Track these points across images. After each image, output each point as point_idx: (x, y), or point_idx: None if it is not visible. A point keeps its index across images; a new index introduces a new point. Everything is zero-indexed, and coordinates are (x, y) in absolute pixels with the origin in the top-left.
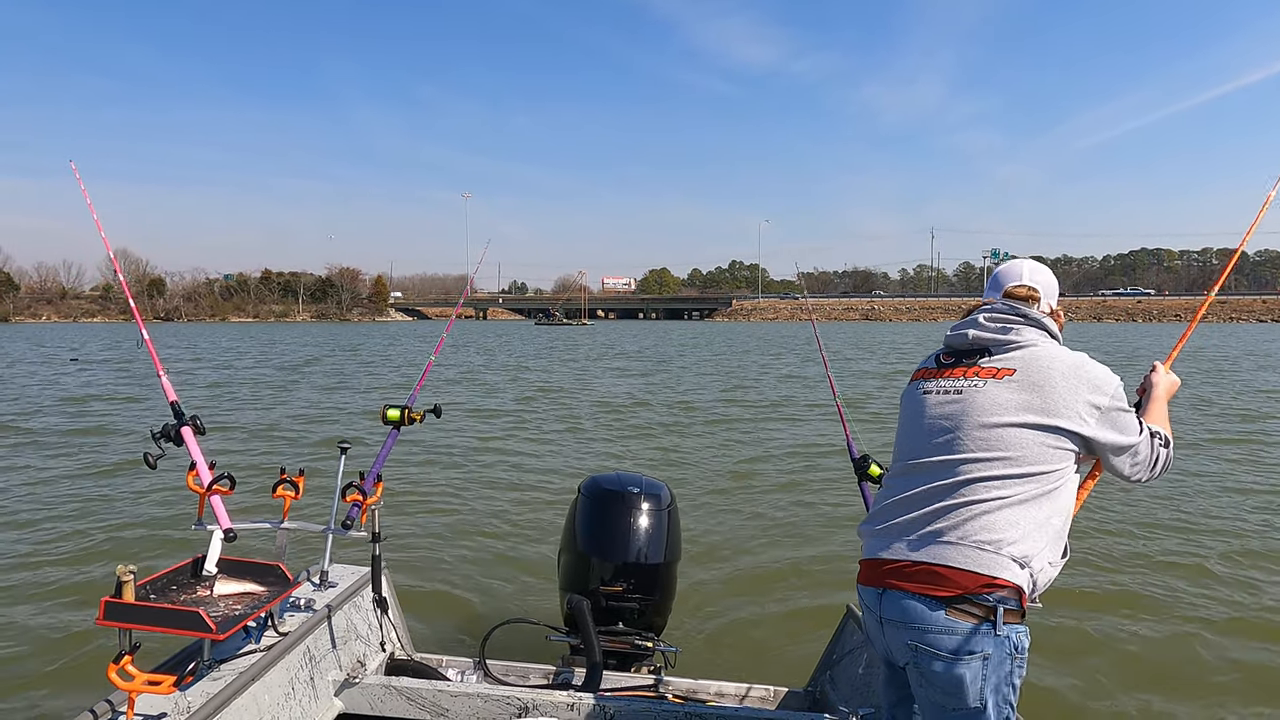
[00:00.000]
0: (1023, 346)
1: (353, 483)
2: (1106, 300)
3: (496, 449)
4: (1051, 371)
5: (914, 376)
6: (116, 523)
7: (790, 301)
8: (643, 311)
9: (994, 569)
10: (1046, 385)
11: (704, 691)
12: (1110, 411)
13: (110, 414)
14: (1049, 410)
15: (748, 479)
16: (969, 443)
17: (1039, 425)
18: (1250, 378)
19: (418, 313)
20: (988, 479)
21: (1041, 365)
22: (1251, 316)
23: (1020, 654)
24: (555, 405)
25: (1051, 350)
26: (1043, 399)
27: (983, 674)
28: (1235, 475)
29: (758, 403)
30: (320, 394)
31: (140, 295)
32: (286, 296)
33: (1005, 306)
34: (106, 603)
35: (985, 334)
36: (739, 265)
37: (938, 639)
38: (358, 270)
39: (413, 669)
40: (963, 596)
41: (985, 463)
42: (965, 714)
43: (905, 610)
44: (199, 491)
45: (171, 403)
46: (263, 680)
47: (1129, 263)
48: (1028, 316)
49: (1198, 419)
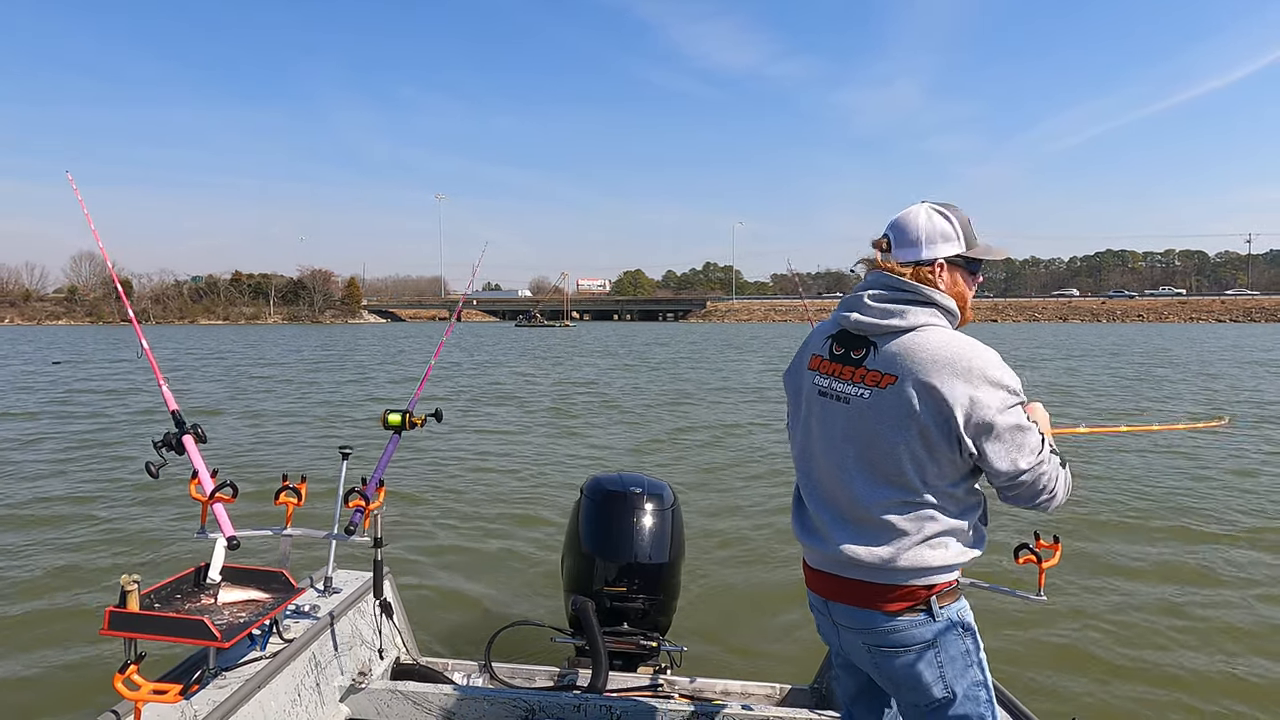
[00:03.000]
0: (905, 332)
1: (355, 488)
2: (1072, 301)
3: (497, 451)
4: (930, 365)
5: (811, 359)
6: (120, 532)
7: (764, 302)
8: (617, 313)
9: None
10: (925, 385)
11: (710, 690)
12: (997, 411)
13: (109, 418)
14: (929, 414)
15: (750, 477)
16: (861, 464)
17: (925, 439)
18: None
19: (392, 315)
20: (883, 499)
21: (920, 359)
22: (1210, 316)
23: (968, 630)
24: (555, 406)
25: (934, 338)
26: (924, 404)
27: (936, 661)
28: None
29: (759, 400)
30: (320, 394)
31: (106, 298)
32: (257, 299)
33: (892, 280)
34: (111, 612)
35: (867, 319)
36: (713, 267)
37: (886, 637)
38: (330, 272)
39: (418, 673)
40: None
41: (878, 484)
42: (938, 705)
43: (853, 615)
44: (201, 500)
45: (172, 411)
46: (268, 687)
47: (1094, 264)
48: (916, 293)
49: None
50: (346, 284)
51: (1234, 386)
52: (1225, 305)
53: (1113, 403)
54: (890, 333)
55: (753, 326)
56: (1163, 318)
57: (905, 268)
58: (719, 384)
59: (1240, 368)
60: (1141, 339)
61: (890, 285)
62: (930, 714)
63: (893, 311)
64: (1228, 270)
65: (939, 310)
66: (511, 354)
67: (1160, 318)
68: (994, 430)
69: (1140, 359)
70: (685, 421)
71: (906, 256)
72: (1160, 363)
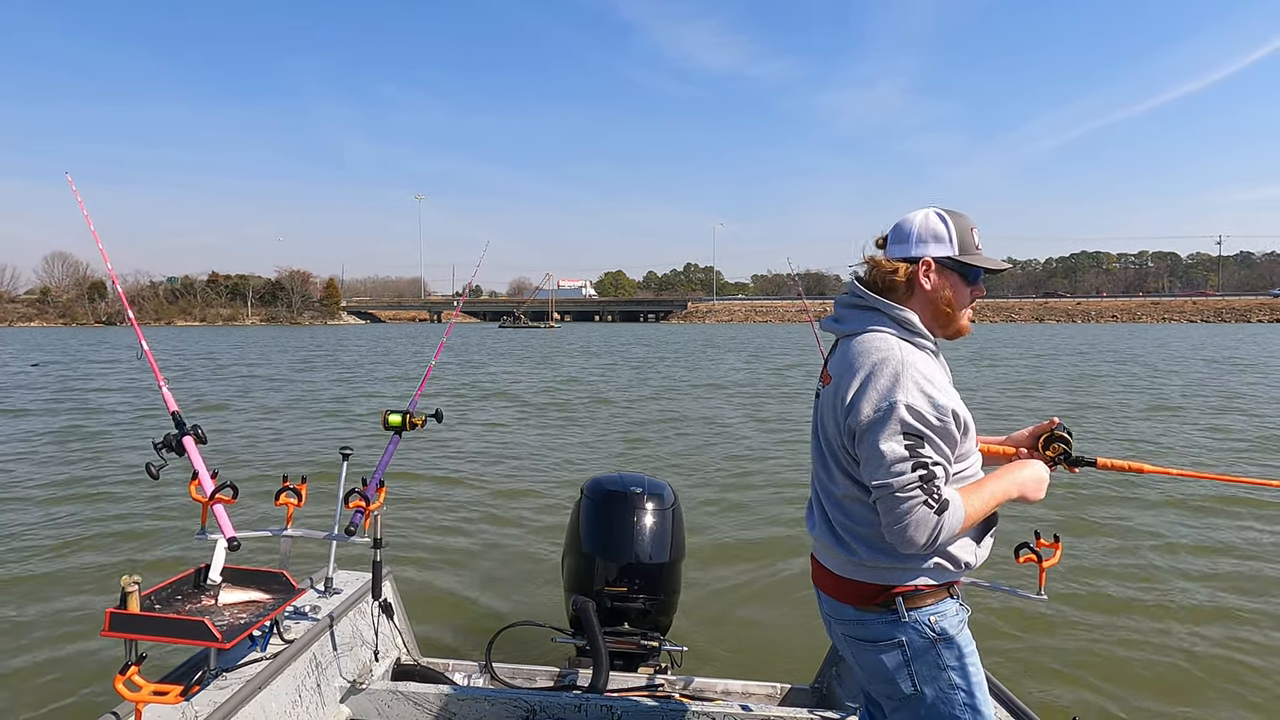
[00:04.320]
0: (850, 337)
1: (355, 489)
2: (1049, 302)
3: (497, 451)
4: (846, 367)
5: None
6: (120, 533)
7: (745, 303)
8: (599, 314)
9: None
10: (841, 386)
11: (710, 690)
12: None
13: (108, 421)
14: (845, 415)
15: (752, 476)
16: (824, 457)
17: (850, 439)
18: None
19: (371, 316)
20: (840, 494)
21: (845, 361)
22: (1182, 317)
23: (941, 635)
24: (554, 406)
25: (864, 343)
26: (842, 404)
27: (903, 660)
28: None
29: (758, 399)
30: (320, 396)
31: (80, 299)
32: (235, 300)
33: (854, 288)
34: (111, 614)
35: (832, 325)
36: (694, 268)
37: (856, 629)
38: (308, 273)
39: (419, 674)
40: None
41: (835, 482)
42: (906, 701)
43: (831, 604)
44: (202, 501)
45: (173, 413)
46: (269, 688)
47: (1070, 265)
48: (865, 300)
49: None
50: (325, 285)
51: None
52: (1196, 306)
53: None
54: (843, 336)
55: (733, 327)
56: (1135, 318)
57: (894, 263)
58: (706, 381)
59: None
60: (1110, 340)
61: (851, 292)
62: (901, 706)
63: (844, 317)
64: (1199, 271)
65: (886, 319)
66: (500, 355)
67: (1133, 318)
68: (857, 438)
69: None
70: (685, 421)
71: (896, 252)
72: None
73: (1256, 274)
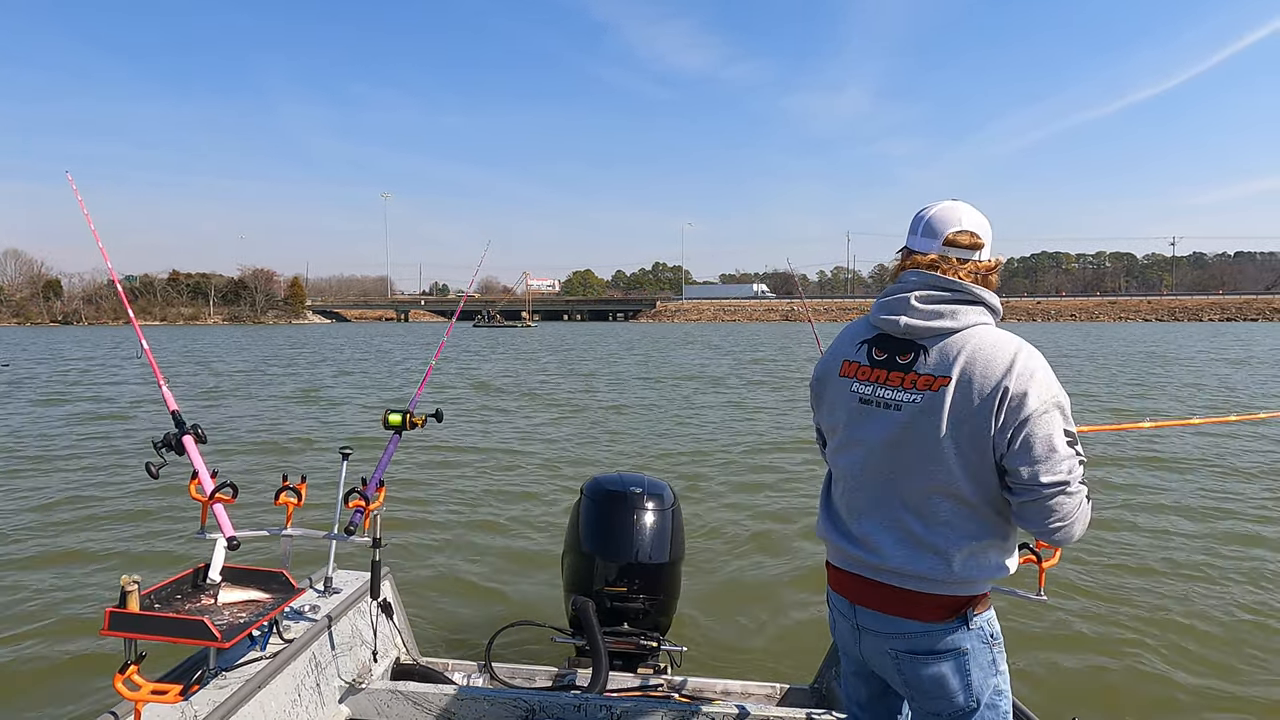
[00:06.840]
0: (955, 333)
1: (355, 488)
2: (1010, 302)
3: (497, 451)
4: (980, 365)
5: (843, 366)
6: (120, 533)
7: (713, 302)
8: (567, 313)
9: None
10: (975, 385)
11: (710, 690)
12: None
13: (108, 420)
14: (980, 415)
15: (752, 476)
16: (913, 472)
17: (976, 442)
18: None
19: (337, 315)
20: (934, 507)
21: (971, 359)
22: (1139, 316)
23: (996, 639)
24: (554, 407)
25: (986, 337)
26: (974, 404)
27: (962, 667)
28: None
29: (756, 398)
30: (320, 397)
31: (35, 298)
32: (196, 299)
33: (939, 280)
34: (111, 613)
35: (919, 322)
36: (662, 267)
37: (918, 641)
38: (272, 271)
39: (418, 673)
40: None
41: (929, 493)
42: (959, 713)
43: (883, 620)
44: (201, 500)
45: (172, 412)
46: (269, 688)
47: (1030, 265)
48: (967, 292)
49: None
50: (290, 284)
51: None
52: (1151, 305)
53: None
54: (940, 334)
55: (701, 326)
56: (1094, 317)
57: (966, 264)
58: (701, 375)
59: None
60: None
61: (938, 285)
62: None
63: (942, 313)
64: (1155, 271)
65: (986, 309)
66: (484, 354)
67: (1092, 317)
68: (1023, 433)
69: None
70: (684, 421)
71: (987, 253)
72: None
73: (1209, 274)
